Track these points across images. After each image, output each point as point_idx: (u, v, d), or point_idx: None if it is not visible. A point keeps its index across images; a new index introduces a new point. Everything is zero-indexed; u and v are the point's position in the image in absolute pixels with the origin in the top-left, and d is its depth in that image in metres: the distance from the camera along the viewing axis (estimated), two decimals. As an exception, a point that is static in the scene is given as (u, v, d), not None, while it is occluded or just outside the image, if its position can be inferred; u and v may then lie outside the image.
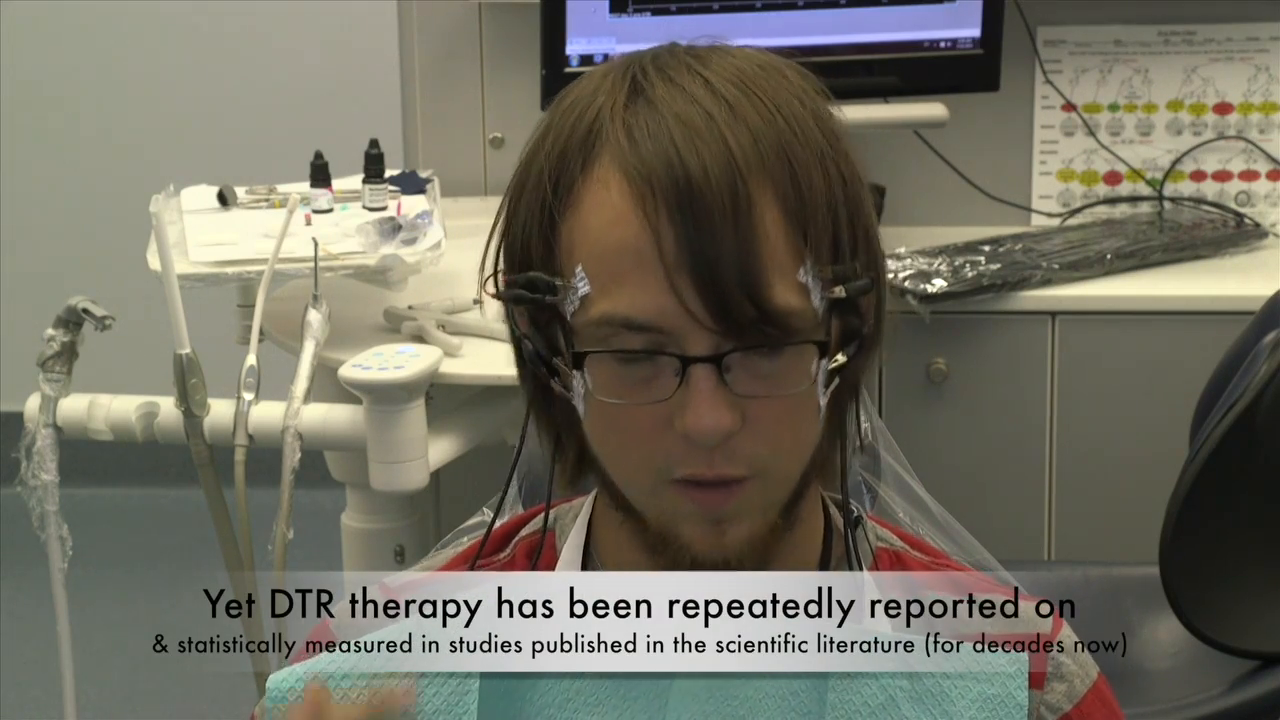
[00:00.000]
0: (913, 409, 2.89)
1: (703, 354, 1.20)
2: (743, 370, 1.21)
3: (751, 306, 1.19)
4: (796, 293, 1.21)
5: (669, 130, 1.21)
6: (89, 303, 2.42)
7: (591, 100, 1.25)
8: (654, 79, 1.24)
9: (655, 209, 1.19)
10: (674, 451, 1.22)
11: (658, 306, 1.20)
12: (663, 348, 1.20)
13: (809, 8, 2.90)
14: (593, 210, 1.22)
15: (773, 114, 1.23)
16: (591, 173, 1.22)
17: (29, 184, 4.42)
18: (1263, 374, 2.17)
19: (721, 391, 1.20)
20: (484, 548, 1.36)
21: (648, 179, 1.20)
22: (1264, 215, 3.17)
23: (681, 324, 1.20)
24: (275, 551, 2.29)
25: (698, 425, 1.20)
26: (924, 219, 3.14)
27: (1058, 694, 1.30)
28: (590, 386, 1.23)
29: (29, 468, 2.42)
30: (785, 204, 1.21)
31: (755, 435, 1.22)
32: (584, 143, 1.23)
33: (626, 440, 1.23)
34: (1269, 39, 3.16)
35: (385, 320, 2.60)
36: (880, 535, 1.37)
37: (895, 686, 1.26)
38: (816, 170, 1.23)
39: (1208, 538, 2.21)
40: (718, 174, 1.19)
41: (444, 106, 3.19)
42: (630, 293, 1.20)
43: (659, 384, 1.21)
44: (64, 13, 4.35)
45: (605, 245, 1.21)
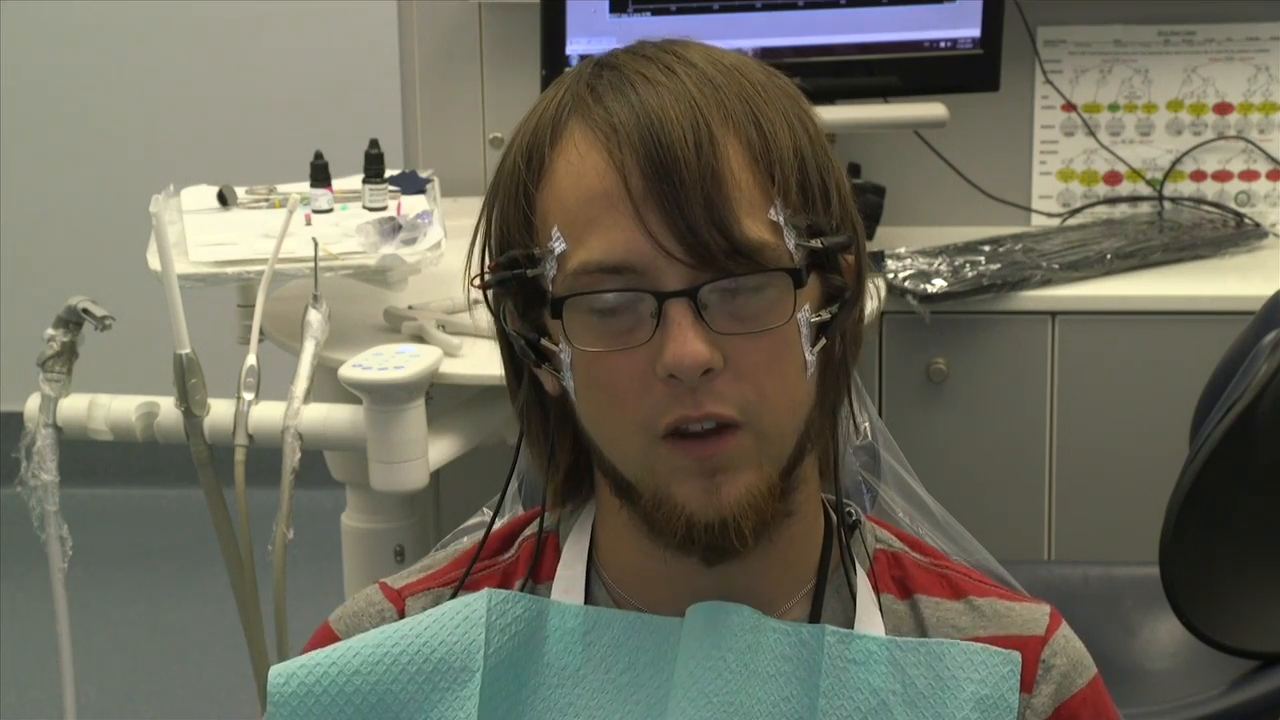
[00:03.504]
0: (913, 409, 2.89)
1: (677, 288, 1.21)
2: (720, 309, 1.22)
3: (720, 236, 1.21)
4: (768, 229, 1.23)
5: (632, 85, 1.24)
6: (89, 303, 2.41)
7: (559, 87, 1.28)
8: (620, 56, 1.28)
9: (620, 151, 1.22)
10: (659, 399, 1.22)
11: (629, 245, 1.22)
12: (638, 287, 1.22)
13: (809, 8, 2.90)
14: (563, 171, 1.25)
15: (734, 74, 1.26)
16: (560, 139, 1.25)
17: (29, 184, 4.42)
18: (1263, 374, 2.17)
19: (699, 326, 1.21)
20: (482, 549, 1.36)
21: (612, 125, 1.23)
22: (1264, 215, 3.17)
23: (654, 260, 1.21)
24: (275, 551, 2.29)
25: (676, 358, 1.21)
26: (924, 219, 3.14)
27: (1043, 696, 1.30)
28: (571, 341, 1.24)
29: (29, 468, 2.42)
30: (750, 146, 1.23)
31: (739, 376, 1.22)
32: (554, 119, 1.26)
33: (612, 398, 1.24)
34: (1269, 39, 3.16)
35: (385, 320, 2.60)
36: (880, 537, 1.37)
37: (887, 691, 1.27)
38: (780, 122, 1.25)
39: (1208, 538, 2.21)
40: (680, 112, 1.22)
41: (444, 106, 3.19)
42: (602, 235, 1.22)
43: (638, 331, 1.23)
44: (64, 13, 4.35)
45: (576, 196, 1.24)
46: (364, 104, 3.98)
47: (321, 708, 1.27)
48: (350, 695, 1.27)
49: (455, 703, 1.27)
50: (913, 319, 2.84)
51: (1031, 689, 1.29)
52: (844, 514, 1.34)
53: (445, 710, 1.27)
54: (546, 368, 1.28)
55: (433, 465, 2.39)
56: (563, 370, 1.27)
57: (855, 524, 1.35)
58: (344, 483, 2.67)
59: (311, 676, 1.27)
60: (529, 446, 1.35)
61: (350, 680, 1.27)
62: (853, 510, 1.36)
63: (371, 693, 1.27)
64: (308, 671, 1.27)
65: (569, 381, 1.27)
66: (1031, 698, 1.29)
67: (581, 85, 1.26)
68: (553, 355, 1.27)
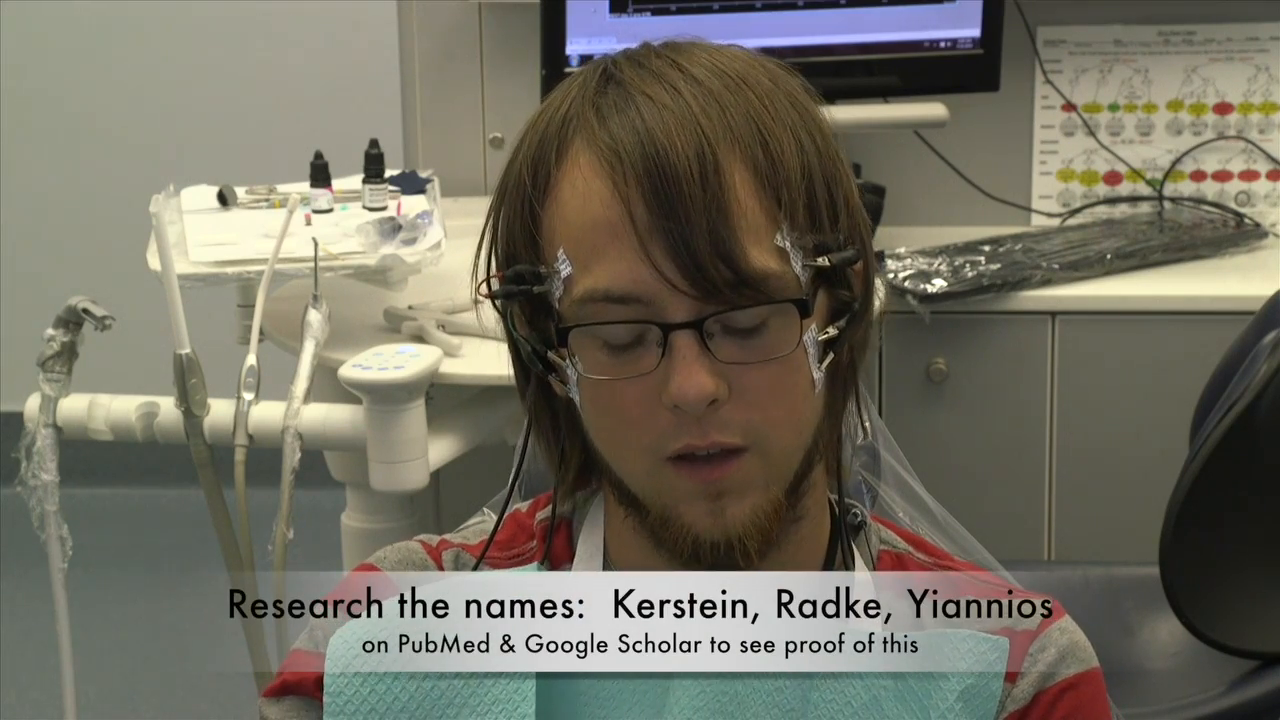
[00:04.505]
0: (913, 409, 2.89)
1: (683, 320, 1.21)
2: (726, 338, 1.22)
3: (726, 269, 1.20)
4: (774, 257, 1.22)
5: (636, 106, 1.23)
6: (89, 303, 2.42)
7: (565, 96, 1.27)
8: (625, 67, 1.26)
9: (625, 180, 1.21)
10: (665, 427, 1.22)
11: (634, 276, 1.21)
12: (644, 318, 1.21)
13: (809, 8, 2.90)
14: (569, 193, 1.24)
15: (741, 87, 1.24)
16: (565, 158, 1.24)
17: (29, 184, 4.42)
18: (1263, 374, 2.17)
19: (705, 358, 1.21)
20: (493, 538, 1.36)
21: (616, 152, 1.22)
22: (1264, 215, 3.17)
23: (659, 292, 1.21)
24: (275, 551, 2.29)
25: (681, 391, 1.21)
26: (924, 219, 3.14)
27: (1025, 684, 1.30)
28: (578, 368, 1.24)
29: (29, 468, 2.42)
30: (756, 170, 1.22)
31: (745, 404, 1.22)
32: (559, 133, 1.25)
33: (620, 423, 1.24)
34: (1269, 39, 3.16)
35: (385, 320, 2.60)
36: (884, 538, 1.37)
37: (880, 686, 1.27)
38: (788, 139, 1.24)
39: (1208, 538, 2.21)
40: (684, 141, 1.21)
41: (444, 106, 3.19)
42: (608, 266, 1.22)
43: (644, 358, 1.22)
44: (64, 13, 4.35)
45: (581, 223, 1.23)
46: (364, 104, 3.98)
47: (377, 696, 1.27)
48: (396, 693, 1.28)
49: (510, 686, 1.27)
50: (913, 319, 2.84)
51: (1015, 680, 1.29)
52: (848, 514, 1.35)
53: (500, 691, 1.28)
54: (554, 377, 1.29)
55: (433, 465, 2.39)
56: (569, 385, 1.27)
57: (861, 524, 1.36)
58: (344, 483, 2.67)
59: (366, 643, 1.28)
60: (539, 445, 1.35)
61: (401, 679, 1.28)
62: (858, 511, 1.37)
63: (421, 693, 1.27)
64: (366, 642, 1.27)
65: (575, 396, 1.27)
66: (1014, 687, 1.29)
67: (586, 102, 1.25)
68: (560, 368, 1.27)
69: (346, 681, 1.28)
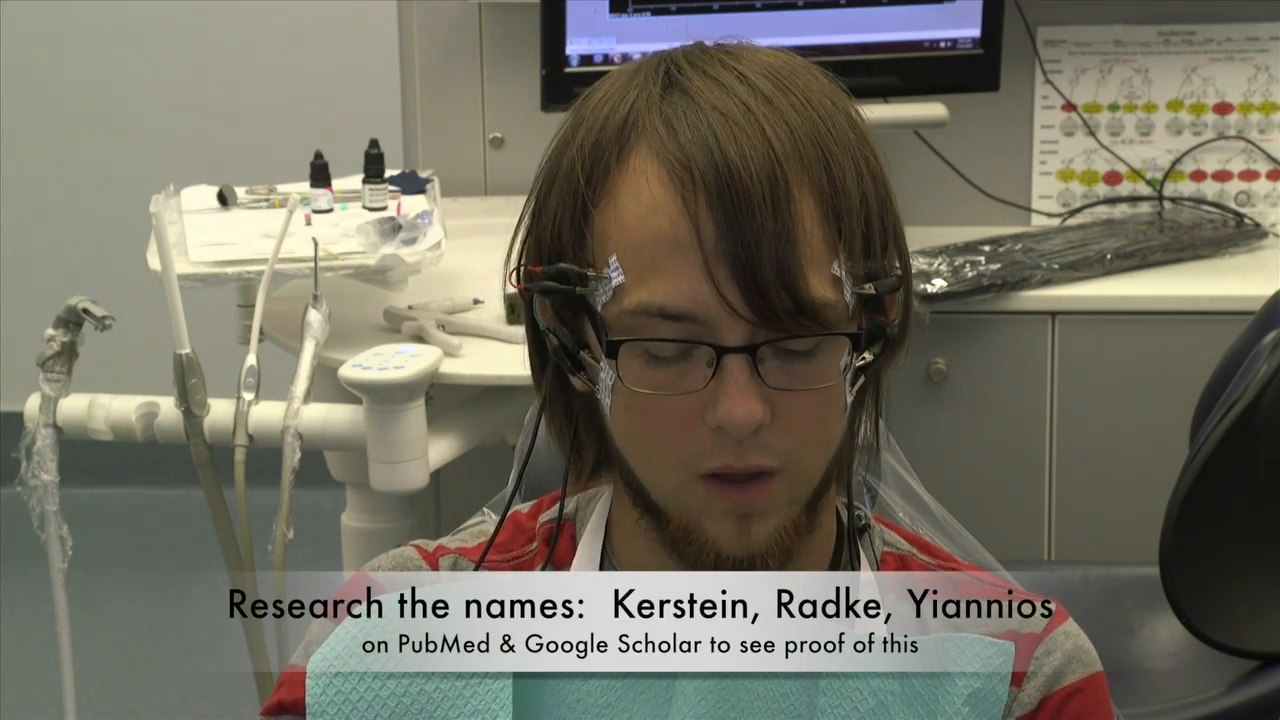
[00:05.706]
0: (913, 409, 2.89)
1: (738, 344, 1.20)
2: (775, 362, 1.21)
3: (788, 298, 1.19)
4: (831, 286, 1.22)
5: (707, 120, 1.21)
6: (89, 303, 2.42)
7: (624, 94, 1.25)
8: (688, 73, 1.24)
9: (694, 197, 1.19)
10: (704, 444, 1.22)
11: (694, 296, 1.20)
12: (697, 337, 1.21)
13: (809, 8, 2.90)
14: (629, 200, 1.22)
15: (807, 108, 1.23)
16: (627, 163, 1.22)
17: (29, 184, 4.42)
18: (1263, 374, 2.17)
19: (755, 383, 1.21)
20: (493, 541, 1.36)
21: (687, 168, 1.20)
22: (1264, 215, 3.17)
23: (717, 314, 1.20)
24: (275, 551, 2.29)
25: (730, 415, 1.20)
26: (924, 219, 3.14)
27: (1031, 689, 1.30)
28: (621, 378, 1.23)
29: (29, 468, 2.42)
30: (820, 197, 1.21)
31: (785, 428, 1.22)
32: (619, 134, 1.23)
33: (655, 434, 1.24)
34: (1269, 39, 3.16)
35: (385, 320, 2.60)
36: (888, 540, 1.38)
37: (886, 690, 1.27)
38: (849, 165, 1.24)
39: (1208, 538, 2.21)
40: (758, 163, 1.19)
41: (444, 106, 3.19)
42: (667, 282, 1.20)
43: (691, 376, 1.22)
44: (64, 13, 4.35)
45: (642, 234, 1.21)
46: (364, 104, 3.98)
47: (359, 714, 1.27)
48: (383, 697, 1.27)
49: (488, 694, 1.27)
50: (913, 319, 2.84)
51: (1022, 683, 1.29)
52: (854, 517, 1.35)
53: (478, 701, 1.27)
54: (580, 377, 1.28)
55: (433, 465, 2.39)
56: (599, 386, 1.26)
57: (865, 526, 1.36)
58: (344, 483, 2.67)
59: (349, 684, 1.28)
60: (551, 435, 1.34)
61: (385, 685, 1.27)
62: (863, 514, 1.37)
63: (405, 694, 1.27)
64: (355, 650, 1.27)
65: (605, 399, 1.26)
66: (1020, 691, 1.29)
67: (651, 106, 1.23)
68: (591, 369, 1.26)
69: (328, 682, 1.27)
